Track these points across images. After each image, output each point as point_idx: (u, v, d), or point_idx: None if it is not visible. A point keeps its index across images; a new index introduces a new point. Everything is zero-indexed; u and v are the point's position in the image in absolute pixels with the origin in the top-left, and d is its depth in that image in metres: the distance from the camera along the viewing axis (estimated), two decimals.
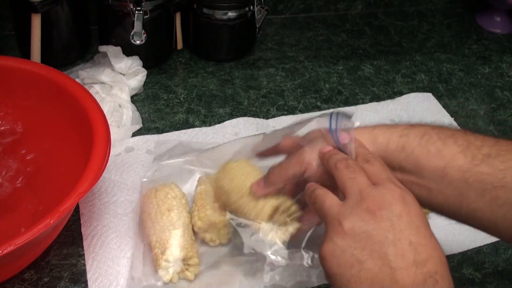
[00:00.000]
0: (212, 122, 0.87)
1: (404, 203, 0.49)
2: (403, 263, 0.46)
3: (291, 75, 0.99)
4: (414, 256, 0.46)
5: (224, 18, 0.95)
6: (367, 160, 0.54)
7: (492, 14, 1.20)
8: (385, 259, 0.46)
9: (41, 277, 0.64)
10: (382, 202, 0.48)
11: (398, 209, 0.48)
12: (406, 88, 0.99)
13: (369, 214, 0.48)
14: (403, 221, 0.47)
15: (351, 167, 0.52)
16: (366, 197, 0.49)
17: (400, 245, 0.46)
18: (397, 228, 0.47)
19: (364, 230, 0.47)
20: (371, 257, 0.46)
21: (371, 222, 0.47)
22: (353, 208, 0.49)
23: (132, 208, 0.72)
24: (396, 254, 0.46)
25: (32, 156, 0.74)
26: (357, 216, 0.48)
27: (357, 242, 0.47)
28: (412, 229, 0.47)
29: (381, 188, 0.50)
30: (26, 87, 0.72)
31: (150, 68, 0.93)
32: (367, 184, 0.51)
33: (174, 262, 0.63)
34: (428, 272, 0.46)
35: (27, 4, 0.84)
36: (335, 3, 1.17)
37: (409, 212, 0.48)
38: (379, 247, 0.46)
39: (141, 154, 0.80)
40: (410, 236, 0.47)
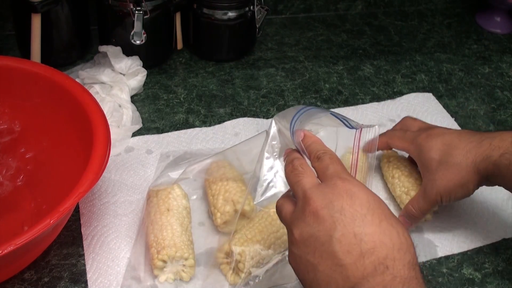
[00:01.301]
0: (212, 122, 0.87)
1: (348, 195, 0.48)
2: (351, 257, 0.46)
3: (291, 75, 0.99)
4: (360, 247, 0.46)
5: (224, 18, 0.95)
6: (318, 157, 0.53)
7: (492, 14, 1.20)
8: (335, 257, 0.46)
9: (41, 277, 0.64)
10: (323, 201, 0.48)
11: (339, 203, 0.48)
12: (406, 88, 0.99)
13: (313, 217, 0.48)
14: (346, 214, 0.47)
15: (295, 170, 0.53)
16: (309, 199, 0.49)
17: (345, 240, 0.46)
18: (340, 223, 0.47)
19: (311, 233, 0.48)
20: (322, 259, 0.47)
21: (315, 225, 0.48)
22: (299, 213, 0.50)
23: (132, 209, 0.72)
24: (343, 251, 0.46)
25: (31, 155, 0.74)
26: (303, 222, 0.49)
27: (308, 247, 0.48)
28: (356, 220, 0.47)
29: (323, 186, 0.50)
30: (26, 87, 0.72)
31: (150, 68, 0.93)
32: (310, 185, 0.51)
33: (170, 262, 0.63)
34: (377, 259, 0.45)
35: (27, 4, 0.84)
36: (335, 3, 1.17)
37: (353, 204, 0.48)
38: (327, 247, 0.47)
39: (141, 154, 0.80)
40: (355, 228, 0.46)
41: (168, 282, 0.64)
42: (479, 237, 0.74)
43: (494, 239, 0.74)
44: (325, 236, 0.47)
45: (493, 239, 0.74)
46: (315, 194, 0.49)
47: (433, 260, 0.71)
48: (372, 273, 0.45)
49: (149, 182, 0.75)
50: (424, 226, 0.74)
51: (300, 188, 0.51)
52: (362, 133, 0.60)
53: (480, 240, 0.74)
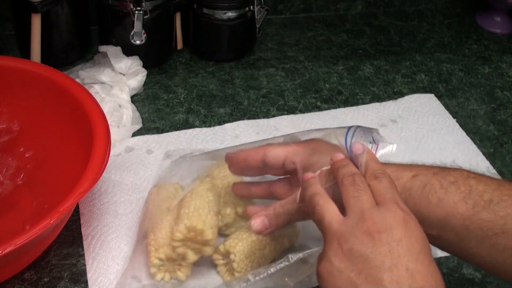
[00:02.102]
0: (212, 122, 0.87)
1: (406, 227, 0.48)
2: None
3: (291, 75, 0.99)
4: (409, 283, 0.45)
5: (224, 18, 0.95)
6: (375, 176, 0.53)
7: (492, 14, 1.20)
8: (380, 284, 0.45)
9: (41, 277, 0.64)
10: (382, 225, 0.47)
11: (399, 233, 0.47)
12: (406, 88, 0.99)
13: (368, 237, 0.47)
14: (402, 246, 0.46)
15: (356, 185, 0.51)
16: (367, 218, 0.48)
17: (396, 271, 0.45)
18: (395, 253, 0.46)
19: (362, 253, 0.47)
20: (367, 281, 0.46)
21: (369, 245, 0.47)
22: (353, 228, 0.48)
23: (132, 208, 0.72)
24: (391, 280, 0.45)
25: (30, 154, 0.74)
26: (356, 238, 0.47)
27: (354, 265, 0.47)
28: (411, 255, 0.46)
29: (383, 210, 0.49)
30: (25, 87, 0.72)
31: (150, 68, 0.93)
32: (370, 204, 0.50)
33: (166, 261, 0.63)
34: None
35: (27, 4, 0.84)
36: (335, 3, 1.17)
37: (410, 237, 0.47)
38: (375, 272, 0.46)
39: (141, 154, 0.80)
40: (408, 263, 0.46)
41: (165, 280, 0.63)
42: None
43: None
44: (377, 261, 0.46)
45: None
46: (375, 215, 0.48)
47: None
48: None
49: (149, 182, 0.75)
50: None
51: (358, 204, 0.50)
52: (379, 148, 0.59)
53: None
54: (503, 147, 0.90)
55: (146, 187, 0.74)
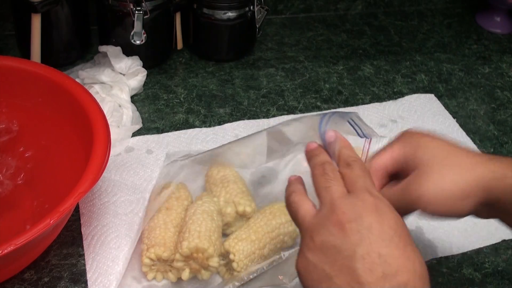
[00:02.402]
0: (212, 122, 0.87)
1: (377, 213, 0.47)
2: (372, 277, 0.44)
3: (291, 75, 0.99)
4: (383, 269, 0.44)
5: (224, 18, 0.95)
6: (348, 163, 0.52)
7: (492, 14, 1.20)
8: (354, 274, 0.45)
9: (41, 277, 0.64)
10: (352, 213, 0.47)
11: (369, 220, 0.46)
12: (406, 88, 0.99)
13: (338, 228, 0.46)
14: (373, 232, 0.46)
15: (326, 174, 0.51)
16: (337, 208, 0.47)
17: (369, 259, 0.45)
18: (366, 240, 0.45)
19: (334, 244, 0.46)
20: (341, 272, 0.45)
21: (340, 236, 0.46)
22: (324, 220, 0.48)
23: (132, 208, 0.72)
24: (364, 269, 0.45)
25: (30, 154, 0.74)
26: (327, 230, 0.47)
27: (327, 257, 0.46)
28: (383, 241, 0.46)
29: (353, 198, 0.48)
30: (25, 87, 0.72)
31: (150, 68, 0.93)
32: (340, 193, 0.49)
33: (158, 261, 0.63)
34: (398, 284, 0.44)
35: (27, 4, 0.84)
36: (335, 3, 1.17)
37: (381, 223, 0.46)
38: (348, 261, 0.45)
39: (141, 154, 0.80)
40: (380, 248, 0.45)
41: (157, 280, 0.63)
42: (479, 237, 0.74)
43: (494, 240, 0.74)
44: (349, 250, 0.45)
45: (493, 240, 0.74)
46: (345, 205, 0.48)
47: (433, 260, 0.71)
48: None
49: (149, 182, 0.75)
50: (424, 226, 0.74)
51: (328, 195, 0.49)
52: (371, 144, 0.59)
53: (480, 240, 0.73)
54: (503, 147, 0.90)
55: (146, 187, 0.74)
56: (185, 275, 0.62)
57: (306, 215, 0.50)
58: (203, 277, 0.63)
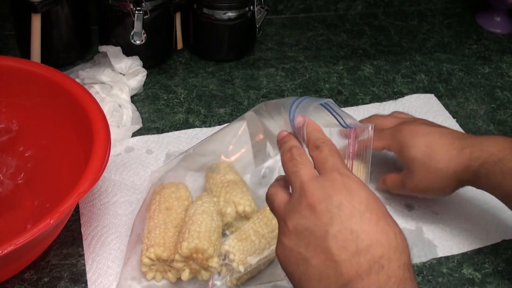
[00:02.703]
0: (212, 122, 0.87)
1: (346, 191, 0.48)
2: (346, 254, 0.45)
3: (291, 75, 0.99)
4: (356, 244, 0.45)
5: (224, 18, 0.95)
6: (317, 146, 0.52)
7: (492, 14, 1.20)
8: (328, 253, 0.45)
9: (41, 277, 0.64)
10: (321, 195, 0.48)
11: (338, 199, 0.47)
12: (406, 88, 0.99)
13: (309, 210, 0.47)
14: (344, 210, 0.46)
15: (294, 159, 0.52)
16: (307, 191, 0.48)
17: (341, 236, 0.46)
18: (337, 219, 0.46)
19: (306, 227, 0.47)
20: (316, 252, 0.46)
21: (311, 218, 0.47)
22: (295, 205, 0.49)
23: (132, 209, 0.72)
24: (338, 247, 0.45)
25: (30, 153, 0.74)
26: (299, 214, 0.48)
27: (301, 240, 0.47)
28: (354, 217, 0.46)
29: (321, 179, 0.49)
30: (25, 87, 0.72)
31: (150, 68, 0.93)
32: (309, 176, 0.50)
33: (157, 261, 0.63)
34: (373, 258, 0.45)
35: (27, 4, 0.84)
36: (335, 3, 1.17)
37: (351, 200, 0.47)
38: (321, 241, 0.46)
39: (141, 154, 0.80)
40: (352, 225, 0.46)
41: (156, 280, 0.63)
42: (479, 238, 0.74)
43: (494, 240, 0.74)
44: (321, 231, 0.46)
45: (493, 240, 0.74)
46: (313, 187, 0.48)
47: (433, 260, 0.71)
48: (367, 271, 0.44)
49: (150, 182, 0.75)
50: (424, 226, 0.74)
51: (298, 179, 0.50)
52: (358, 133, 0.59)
53: (480, 240, 0.73)
54: None
55: (146, 187, 0.74)
56: (185, 275, 0.62)
57: (281, 203, 0.51)
58: (203, 277, 0.63)
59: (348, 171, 0.50)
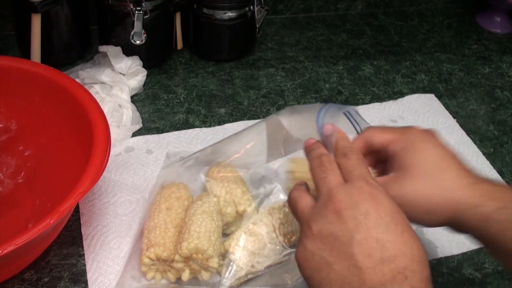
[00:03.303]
0: (212, 122, 0.87)
1: (374, 200, 0.48)
2: (370, 262, 0.45)
3: (291, 75, 0.99)
4: (381, 253, 0.45)
5: (224, 18, 0.95)
6: (344, 154, 0.53)
7: (492, 14, 1.20)
8: (352, 259, 0.46)
9: (41, 277, 0.64)
10: (348, 201, 0.48)
11: (365, 207, 0.47)
12: (406, 88, 0.99)
13: (335, 215, 0.48)
14: (370, 219, 0.47)
15: (323, 166, 0.52)
16: (334, 197, 0.49)
17: (366, 244, 0.46)
18: (363, 226, 0.46)
19: (331, 232, 0.47)
20: (339, 258, 0.46)
21: (337, 224, 0.47)
22: (321, 210, 0.49)
23: (132, 209, 0.72)
24: (362, 254, 0.45)
25: (30, 152, 0.74)
26: (324, 218, 0.48)
27: (325, 244, 0.47)
28: (380, 226, 0.46)
29: (349, 187, 0.49)
30: (25, 87, 0.72)
31: (150, 68, 0.93)
32: (336, 183, 0.50)
33: (157, 261, 0.63)
34: (397, 268, 0.45)
35: (27, 4, 0.84)
36: (335, 3, 1.17)
37: (378, 210, 0.47)
38: (346, 247, 0.46)
39: (141, 154, 0.80)
40: (378, 234, 0.46)
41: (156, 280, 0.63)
42: None
43: None
44: (346, 237, 0.46)
45: None
46: (341, 193, 0.49)
47: (433, 260, 0.71)
48: (391, 281, 0.44)
49: (149, 182, 0.75)
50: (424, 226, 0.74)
51: (325, 185, 0.50)
52: None
53: None
54: (503, 147, 0.90)
55: (146, 187, 0.74)
56: (185, 276, 0.62)
57: (305, 207, 0.51)
58: (203, 277, 0.63)
59: (375, 181, 0.51)
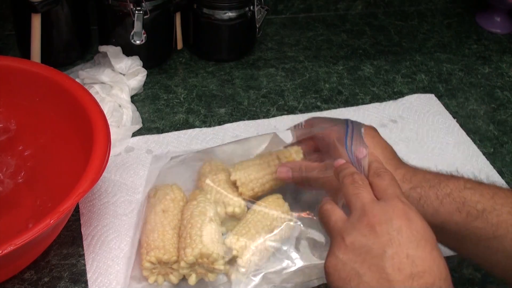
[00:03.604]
0: (212, 122, 0.87)
1: (406, 218, 0.50)
2: (400, 275, 0.47)
3: (291, 75, 0.99)
4: (411, 268, 0.47)
5: (224, 18, 0.95)
6: (378, 174, 0.56)
7: (492, 14, 1.20)
8: (383, 272, 0.48)
9: (41, 277, 0.64)
10: (383, 216, 0.50)
11: (398, 223, 0.50)
12: (406, 88, 0.99)
13: (369, 229, 0.50)
14: (402, 235, 0.49)
15: (356, 183, 0.55)
16: (368, 212, 0.51)
17: (397, 258, 0.48)
18: (395, 242, 0.49)
19: (364, 244, 0.49)
20: (370, 270, 0.48)
21: (370, 237, 0.49)
22: (355, 223, 0.51)
23: (132, 209, 0.72)
24: (393, 267, 0.47)
25: (29, 152, 0.74)
26: (358, 231, 0.50)
27: (357, 256, 0.49)
28: (411, 243, 0.49)
29: (383, 204, 0.52)
30: (25, 87, 0.72)
31: (150, 68, 0.93)
32: (370, 199, 0.53)
33: (158, 264, 0.63)
34: (425, 284, 0.47)
35: (27, 4, 0.84)
36: (335, 3, 1.17)
37: (409, 227, 0.50)
38: (378, 260, 0.48)
39: (141, 154, 0.80)
40: (409, 250, 0.48)
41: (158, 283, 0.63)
42: None
43: None
44: (379, 250, 0.48)
45: None
46: (376, 209, 0.51)
47: None
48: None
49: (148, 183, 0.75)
50: None
51: (359, 200, 0.53)
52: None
53: None
54: (503, 147, 0.90)
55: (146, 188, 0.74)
56: (192, 280, 0.62)
57: (338, 220, 0.53)
58: (210, 279, 0.63)
59: (407, 201, 0.53)
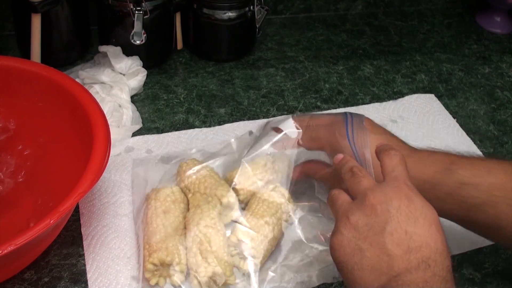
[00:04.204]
0: (212, 122, 0.87)
1: (406, 198, 0.53)
2: (399, 250, 0.51)
3: (291, 75, 0.99)
4: (408, 243, 0.51)
5: (224, 18, 0.95)
6: (388, 153, 0.59)
7: (492, 14, 1.20)
8: (383, 247, 0.51)
9: (41, 277, 0.64)
10: (383, 197, 0.53)
11: (397, 203, 0.53)
12: (406, 88, 0.99)
13: (371, 209, 0.53)
14: (401, 213, 0.52)
15: (356, 174, 0.58)
16: (370, 194, 0.54)
17: (396, 235, 0.51)
18: (394, 219, 0.52)
19: (366, 222, 0.53)
20: (371, 246, 0.52)
21: (372, 216, 0.53)
22: (358, 204, 0.55)
23: (132, 209, 0.72)
24: (392, 243, 0.51)
25: (29, 152, 0.74)
26: (361, 211, 0.54)
27: (360, 233, 0.53)
28: (410, 220, 0.52)
29: (384, 185, 0.55)
30: (25, 87, 0.72)
31: (150, 68, 0.93)
32: (372, 183, 0.56)
33: (161, 266, 0.63)
34: (421, 257, 0.50)
35: (27, 4, 0.84)
36: (335, 3, 1.17)
37: (409, 206, 0.53)
38: (378, 237, 0.52)
39: (141, 154, 0.80)
40: (407, 227, 0.51)
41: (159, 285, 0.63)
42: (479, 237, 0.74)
43: None
44: (379, 227, 0.52)
45: None
46: (376, 191, 0.54)
47: None
48: (415, 267, 0.50)
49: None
50: None
51: (361, 187, 0.56)
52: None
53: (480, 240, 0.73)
54: (503, 147, 0.90)
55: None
56: None
57: (344, 202, 0.57)
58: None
59: (411, 184, 0.56)
